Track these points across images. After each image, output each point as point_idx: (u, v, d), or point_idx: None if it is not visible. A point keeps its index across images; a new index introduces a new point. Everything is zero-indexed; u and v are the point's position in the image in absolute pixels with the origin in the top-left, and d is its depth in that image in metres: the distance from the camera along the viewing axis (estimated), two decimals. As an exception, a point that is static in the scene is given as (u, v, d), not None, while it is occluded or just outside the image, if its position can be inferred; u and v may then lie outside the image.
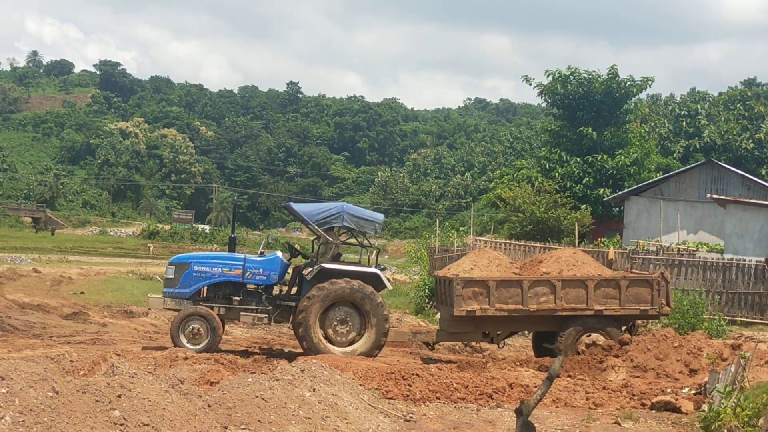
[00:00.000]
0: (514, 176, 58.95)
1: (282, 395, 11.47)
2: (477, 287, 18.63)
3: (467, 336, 19.95)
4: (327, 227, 19.29)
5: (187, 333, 18.25)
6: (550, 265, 19.51)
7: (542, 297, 18.68)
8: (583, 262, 19.72)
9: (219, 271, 19.10)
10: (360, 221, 19.27)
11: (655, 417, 13.21)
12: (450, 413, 13.14)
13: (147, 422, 9.50)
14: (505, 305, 18.65)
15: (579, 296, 18.69)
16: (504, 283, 18.75)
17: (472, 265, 19.50)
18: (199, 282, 19.03)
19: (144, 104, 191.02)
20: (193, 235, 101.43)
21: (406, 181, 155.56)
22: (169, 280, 19.29)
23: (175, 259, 19.92)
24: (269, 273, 19.19)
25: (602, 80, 52.97)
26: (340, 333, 18.39)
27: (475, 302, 18.60)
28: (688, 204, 43.68)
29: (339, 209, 19.24)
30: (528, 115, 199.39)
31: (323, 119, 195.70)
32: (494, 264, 19.77)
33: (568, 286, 18.72)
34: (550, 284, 18.70)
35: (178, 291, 19.00)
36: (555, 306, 18.64)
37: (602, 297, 18.73)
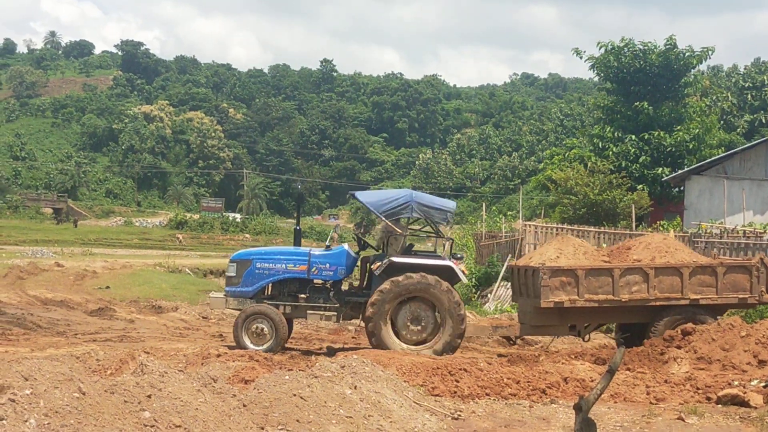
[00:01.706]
0: (566, 156, 58.70)
1: (321, 393, 11.49)
2: (565, 276, 18.43)
3: (552, 329, 19.75)
4: (395, 218, 19.23)
5: (250, 333, 18.25)
6: (640, 252, 19.37)
7: (634, 286, 18.50)
8: (675, 248, 19.61)
9: (283, 267, 19.06)
10: (430, 210, 19.12)
11: (722, 412, 13.14)
12: (500, 410, 13.12)
13: (179, 423, 9.55)
14: (595, 295, 18.47)
15: (673, 285, 18.53)
16: (593, 271, 18.58)
17: (558, 254, 19.34)
18: (262, 279, 19.00)
19: (169, 86, 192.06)
20: (224, 224, 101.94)
21: (450, 163, 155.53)
22: (231, 278, 19.29)
23: (236, 256, 19.94)
24: (336, 267, 19.08)
25: (659, 52, 52.55)
26: (412, 331, 18.27)
27: (562, 293, 18.41)
28: (753, 183, 43.31)
29: (407, 198, 19.03)
30: (579, 91, 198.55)
31: (359, 99, 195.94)
32: (580, 252, 19.64)
33: (662, 274, 18.55)
34: (642, 272, 18.52)
35: (241, 289, 19.01)
36: (648, 295, 18.46)
37: (698, 285, 18.57)
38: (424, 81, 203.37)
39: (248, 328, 18.26)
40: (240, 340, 18.16)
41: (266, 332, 18.16)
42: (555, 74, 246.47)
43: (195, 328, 23.66)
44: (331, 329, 24.85)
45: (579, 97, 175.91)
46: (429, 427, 11.75)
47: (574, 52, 55.43)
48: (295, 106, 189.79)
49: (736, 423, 12.47)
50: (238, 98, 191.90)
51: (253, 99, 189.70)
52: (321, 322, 20.17)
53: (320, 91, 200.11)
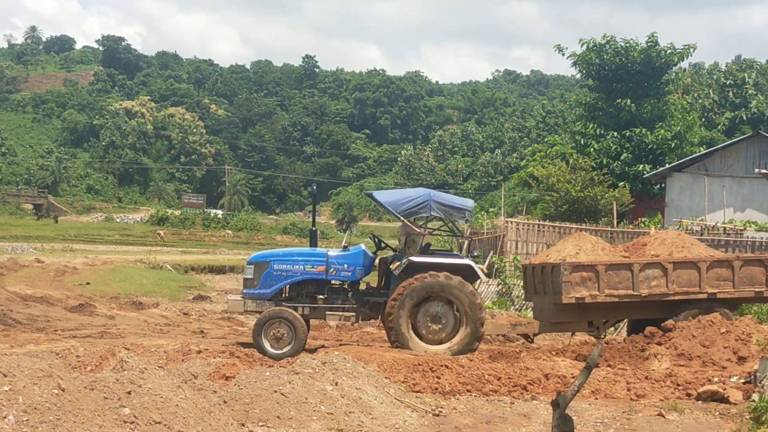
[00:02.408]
0: (547, 153, 58.75)
1: (302, 390, 11.49)
2: (585, 272, 18.44)
3: (571, 326, 19.80)
4: (414, 218, 19.16)
5: (269, 337, 18.14)
6: (657, 248, 19.45)
7: (653, 281, 18.53)
8: (691, 243, 19.75)
9: (301, 269, 18.86)
10: (449, 210, 18.96)
11: (702, 408, 13.19)
12: (482, 406, 13.14)
13: (159, 420, 9.54)
14: (615, 291, 18.48)
15: (691, 279, 18.58)
16: (614, 267, 18.61)
17: (577, 250, 19.35)
18: (280, 281, 18.79)
19: (150, 82, 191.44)
20: (205, 220, 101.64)
21: (432, 159, 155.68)
22: (248, 280, 19.07)
23: (253, 258, 19.77)
24: (354, 268, 18.89)
25: (640, 49, 52.71)
26: (432, 330, 18.15)
27: (583, 288, 18.41)
28: (734, 180, 43.50)
29: (426, 198, 18.85)
30: (561, 88, 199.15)
31: (342, 95, 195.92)
32: (598, 248, 19.67)
33: (680, 269, 18.60)
34: (661, 267, 18.57)
35: (259, 291, 18.78)
36: (667, 290, 18.49)
37: (715, 279, 18.64)
38: (406, 77, 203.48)
39: (267, 333, 18.11)
40: (260, 346, 17.98)
41: (286, 336, 18.02)
42: (537, 71, 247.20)
43: (176, 325, 23.60)
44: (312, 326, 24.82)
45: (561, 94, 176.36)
46: (410, 423, 11.76)
47: (557, 48, 55.64)
48: (277, 102, 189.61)
49: (715, 419, 12.52)
50: (220, 94, 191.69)
51: (235, 95, 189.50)
52: (340, 322, 20.19)
53: (302, 87, 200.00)
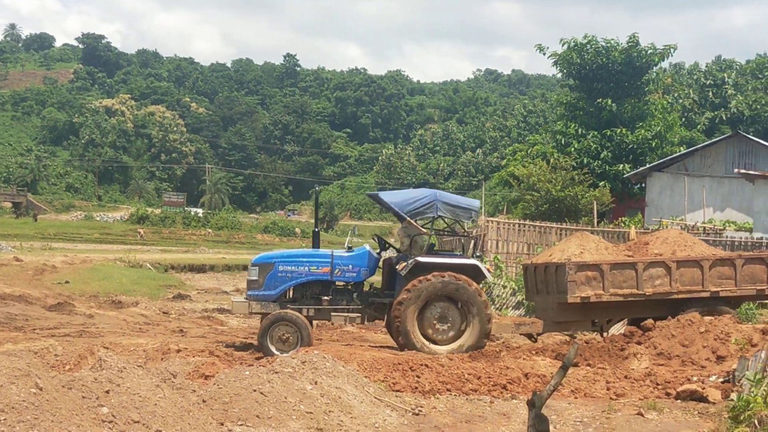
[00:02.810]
0: (528, 152, 58.80)
1: (282, 389, 11.48)
2: (590, 271, 18.51)
3: (575, 325, 19.91)
4: (420, 218, 19.16)
5: (275, 339, 18.10)
6: (659, 246, 19.53)
7: (657, 280, 18.63)
8: (693, 242, 19.86)
9: (306, 270, 18.83)
10: (455, 210, 18.99)
11: (681, 407, 13.24)
12: (461, 406, 13.15)
13: (137, 419, 9.52)
14: (619, 290, 18.56)
15: (694, 277, 18.71)
16: (618, 266, 18.70)
17: (581, 249, 19.38)
18: (285, 282, 18.76)
19: (130, 80, 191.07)
20: (185, 219, 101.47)
21: (413, 158, 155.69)
22: (253, 281, 19.02)
23: (258, 259, 19.70)
24: (359, 269, 18.90)
25: (621, 49, 52.82)
26: (439, 330, 18.15)
27: (588, 288, 18.47)
28: (714, 180, 43.64)
29: (432, 198, 18.88)
30: (542, 87, 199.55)
31: (323, 94, 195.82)
32: (602, 247, 19.74)
33: (683, 267, 18.73)
34: (665, 266, 18.67)
35: (264, 293, 18.73)
36: (670, 289, 18.60)
37: (717, 278, 18.78)
38: (387, 76, 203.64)
39: (273, 335, 18.07)
40: (264, 347, 17.95)
41: (291, 338, 17.99)
42: (518, 70, 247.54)
43: (155, 324, 23.56)
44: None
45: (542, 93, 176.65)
46: (390, 422, 11.76)
47: (538, 48, 55.62)
48: (258, 100, 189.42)
49: (694, 418, 12.56)
50: (201, 92, 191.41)
51: (215, 93, 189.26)
52: (345, 324, 20.19)
53: (283, 85, 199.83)
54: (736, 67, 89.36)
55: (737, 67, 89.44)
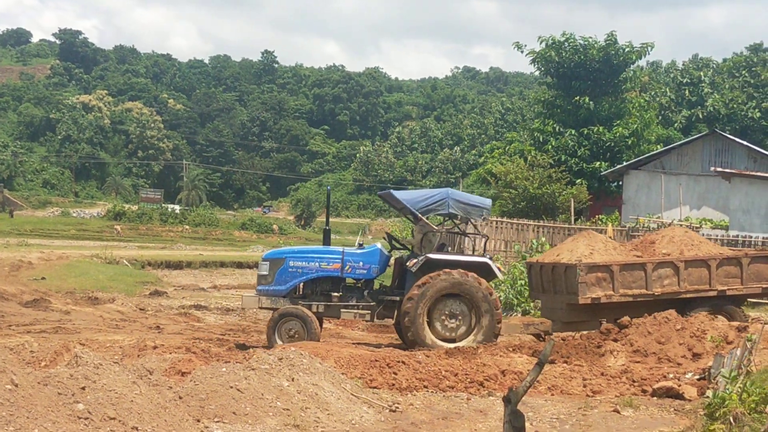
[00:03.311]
0: (506, 150, 58.94)
1: (258, 385, 11.47)
2: (600, 272, 18.61)
3: (584, 325, 19.78)
4: (431, 215, 19.26)
5: (282, 334, 18.09)
6: (666, 246, 19.62)
7: (665, 280, 18.74)
8: (699, 241, 19.99)
9: (316, 266, 18.89)
10: (467, 207, 19.13)
11: (657, 404, 13.28)
12: (438, 402, 13.17)
13: (113, 416, 9.48)
14: (629, 290, 18.67)
15: (702, 277, 18.83)
16: (628, 266, 18.79)
17: (590, 250, 19.41)
18: (295, 278, 18.82)
19: (108, 76, 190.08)
20: (163, 215, 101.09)
21: (390, 156, 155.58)
22: (263, 276, 19.08)
23: (268, 255, 19.79)
24: (370, 266, 18.98)
25: (599, 47, 52.96)
26: (449, 328, 18.26)
27: (598, 288, 18.57)
28: (690, 178, 43.82)
29: (444, 195, 19.07)
30: (520, 85, 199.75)
31: (301, 90, 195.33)
32: (610, 247, 19.84)
33: (691, 267, 18.85)
34: (673, 266, 18.79)
35: (274, 288, 18.80)
36: (679, 288, 18.73)
37: (724, 276, 18.91)
38: (365, 73, 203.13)
39: (281, 330, 18.08)
40: (272, 341, 17.94)
41: (299, 334, 18.01)
42: (496, 68, 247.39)
43: (132, 320, 23.48)
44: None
45: (520, 91, 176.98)
46: (366, 419, 11.76)
47: (515, 46, 55.74)
48: (236, 97, 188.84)
49: (670, 415, 12.61)
50: (178, 89, 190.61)
51: (193, 90, 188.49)
52: (355, 320, 20.19)
53: (261, 82, 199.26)
54: (713, 65, 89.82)
55: (714, 65, 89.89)
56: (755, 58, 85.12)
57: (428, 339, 17.91)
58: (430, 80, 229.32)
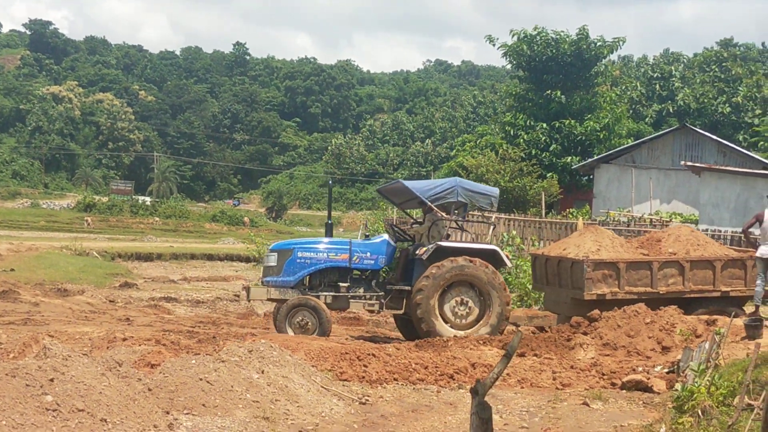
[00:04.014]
0: (477, 143, 58.91)
1: (228, 378, 11.44)
2: (607, 269, 18.66)
3: None
4: (440, 203, 19.29)
5: (294, 325, 18.04)
6: (672, 245, 19.65)
7: (671, 279, 18.79)
8: (705, 241, 20.02)
9: (324, 257, 18.96)
10: (475, 195, 19.34)
11: (626, 397, 13.32)
12: (408, 395, 13.17)
13: (82, 407, 9.44)
14: (634, 288, 18.71)
15: (706, 277, 18.88)
16: (634, 264, 18.84)
17: (597, 246, 19.43)
18: (304, 269, 18.87)
19: (78, 67, 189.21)
20: (133, 207, 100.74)
21: (362, 148, 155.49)
22: (271, 268, 19.12)
23: (276, 246, 19.86)
24: (377, 256, 19.07)
25: (571, 41, 53.04)
26: (459, 315, 18.38)
27: (604, 285, 18.62)
28: (661, 172, 43.98)
29: (453, 183, 19.27)
30: (492, 78, 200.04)
31: (272, 83, 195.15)
32: (617, 243, 19.85)
33: (696, 267, 18.89)
34: (678, 265, 18.83)
35: (282, 279, 18.83)
36: (683, 288, 18.76)
37: (728, 278, 18.96)
38: (337, 66, 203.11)
39: (292, 321, 18.04)
40: (283, 332, 17.89)
41: (310, 325, 17.97)
42: (468, 61, 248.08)
43: (101, 312, 23.39)
44: (239, 314, 24.77)
45: (492, 84, 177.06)
46: (336, 411, 11.76)
47: (487, 39, 55.72)
48: (207, 89, 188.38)
49: (639, 408, 12.65)
50: (149, 80, 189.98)
51: (164, 81, 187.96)
52: (363, 311, 20.23)
53: (233, 74, 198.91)
54: (684, 60, 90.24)
55: (684, 60, 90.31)
56: (726, 53, 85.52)
57: (441, 328, 18.08)
58: (402, 73, 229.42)
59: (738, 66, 77.46)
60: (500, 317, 18.37)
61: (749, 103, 69.76)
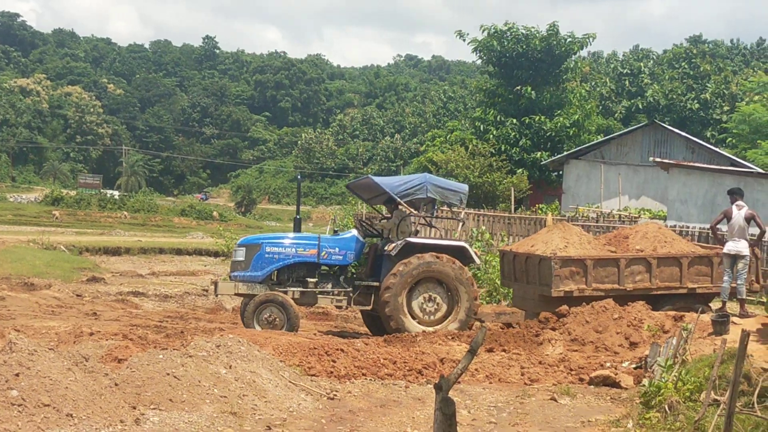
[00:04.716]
0: (447, 138, 59.01)
1: (195, 372, 11.42)
2: (574, 266, 18.72)
3: None
4: (409, 200, 19.27)
5: (262, 320, 17.97)
6: (639, 242, 19.77)
7: (638, 276, 18.89)
8: (672, 238, 20.16)
9: (293, 252, 18.92)
10: (444, 192, 19.37)
11: (594, 392, 13.38)
12: (377, 390, 13.18)
13: (48, 402, 9.40)
14: (602, 285, 18.77)
15: (673, 274, 18.99)
16: (601, 261, 18.90)
17: (565, 243, 19.47)
18: (272, 264, 18.82)
19: (46, 59, 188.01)
20: (101, 201, 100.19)
21: (332, 143, 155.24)
22: (239, 263, 19.05)
23: (244, 241, 19.80)
24: (346, 252, 19.05)
25: (541, 37, 53.15)
26: (427, 312, 18.37)
27: (572, 282, 18.67)
28: (630, 168, 44.16)
29: (422, 180, 19.27)
30: (462, 74, 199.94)
31: (242, 77, 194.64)
32: (584, 240, 19.93)
33: (663, 264, 19.00)
34: (646, 262, 18.93)
35: (250, 274, 18.77)
36: (650, 285, 18.86)
37: (695, 275, 19.08)
38: (307, 60, 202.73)
39: (260, 316, 17.98)
40: (250, 327, 17.83)
41: (278, 320, 17.91)
42: (439, 56, 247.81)
43: (68, 306, 23.26)
44: (208, 309, 24.69)
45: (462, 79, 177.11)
46: (304, 407, 11.75)
47: (457, 34, 55.78)
48: (176, 82, 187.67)
49: (607, 403, 12.71)
50: (118, 73, 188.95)
51: (133, 75, 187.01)
52: (331, 306, 20.16)
53: (202, 68, 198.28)
54: (653, 56, 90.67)
55: (654, 56, 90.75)
56: (694, 49, 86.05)
57: (409, 325, 18.06)
58: (372, 68, 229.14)
59: (706, 63, 77.99)
60: (468, 313, 18.40)
61: (717, 100, 70.29)
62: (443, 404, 7.06)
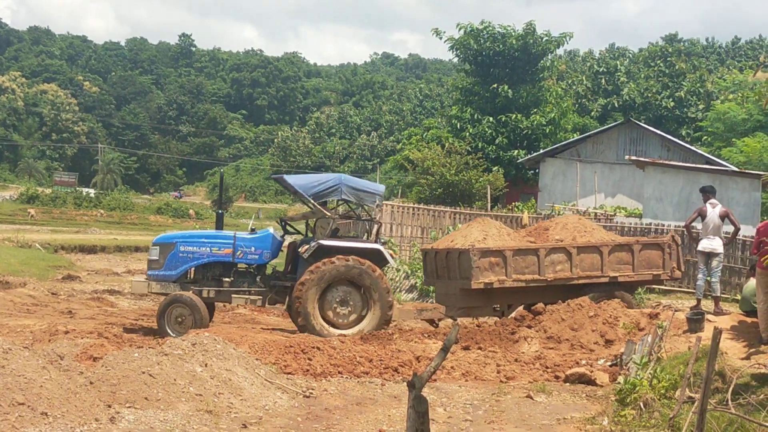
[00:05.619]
0: (423, 136, 58.99)
1: (171, 371, 11.39)
2: (493, 257, 18.69)
3: (477, 311, 19.90)
4: (323, 201, 19.16)
5: (172, 320, 17.89)
6: (559, 232, 19.83)
7: (558, 265, 18.92)
8: (592, 228, 20.24)
9: (207, 251, 18.77)
10: (359, 193, 19.12)
11: (569, 390, 13.42)
12: (353, 388, 13.19)
13: (22, 401, 9.36)
14: (522, 275, 18.79)
15: (594, 263, 19.03)
16: (521, 252, 18.89)
17: (483, 235, 19.48)
18: (186, 263, 18.68)
19: (21, 57, 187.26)
20: (77, 199, 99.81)
21: (308, 141, 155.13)
22: (153, 261, 18.89)
23: (159, 239, 19.58)
24: (261, 251, 18.89)
25: (518, 36, 53.23)
26: (341, 314, 18.23)
27: (491, 274, 18.65)
28: (605, 166, 44.27)
29: (336, 181, 19.01)
30: (439, 72, 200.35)
31: (218, 74, 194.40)
32: (504, 233, 19.92)
33: (583, 253, 19.04)
34: (566, 252, 18.97)
35: (164, 273, 18.63)
36: (571, 274, 18.91)
37: (616, 263, 19.13)
38: (284, 58, 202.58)
39: (170, 317, 17.91)
40: (163, 329, 17.75)
41: (187, 320, 17.83)
42: (415, 54, 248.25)
43: (44, 305, 23.16)
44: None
45: (438, 77, 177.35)
46: (280, 404, 11.75)
47: (434, 32, 55.76)
48: (153, 80, 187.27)
49: (582, 401, 12.75)
50: (94, 71, 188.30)
51: (109, 72, 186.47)
52: (246, 306, 20.05)
53: (178, 65, 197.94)
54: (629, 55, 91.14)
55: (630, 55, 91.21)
56: (670, 48, 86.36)
57: (318, 325, 17.89)
58: (349, 66, 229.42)
59: (682, 61, 78.22)
60: (381, 320, 18.26)
61: (693, 98, 70.50)
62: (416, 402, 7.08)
